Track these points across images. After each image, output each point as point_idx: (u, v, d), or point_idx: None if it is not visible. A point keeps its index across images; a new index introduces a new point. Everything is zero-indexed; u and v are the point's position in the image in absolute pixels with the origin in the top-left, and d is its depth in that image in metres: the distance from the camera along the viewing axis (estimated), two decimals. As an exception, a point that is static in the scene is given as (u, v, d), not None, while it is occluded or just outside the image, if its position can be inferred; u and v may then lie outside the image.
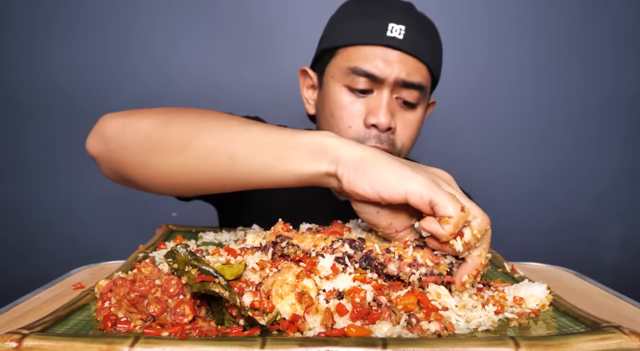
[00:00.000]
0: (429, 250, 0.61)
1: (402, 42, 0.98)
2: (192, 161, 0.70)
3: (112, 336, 0.46)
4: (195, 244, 0.89)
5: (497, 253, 0.80)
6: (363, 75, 0.99)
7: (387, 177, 0.59)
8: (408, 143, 1.07)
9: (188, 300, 0.52)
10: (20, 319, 0.60)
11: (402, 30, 0.98)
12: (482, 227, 0.59)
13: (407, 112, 1.04)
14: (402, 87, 1.00)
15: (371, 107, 1.00)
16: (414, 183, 0.58)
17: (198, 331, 0.49)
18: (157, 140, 0.73)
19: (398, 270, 0.60)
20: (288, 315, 0.52)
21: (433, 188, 0.58)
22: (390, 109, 1.00)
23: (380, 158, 0.61)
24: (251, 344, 0.44)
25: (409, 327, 0.52)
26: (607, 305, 0.69)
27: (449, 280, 0.60)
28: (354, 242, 0.62)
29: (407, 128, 1.04)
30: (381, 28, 0.99)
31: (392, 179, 0.59)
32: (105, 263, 0.90)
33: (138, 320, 0.52)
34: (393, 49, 0.99)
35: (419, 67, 1.01)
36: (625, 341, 0.45)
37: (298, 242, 0.63)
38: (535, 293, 0.60)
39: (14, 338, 0.44)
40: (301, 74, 1.17)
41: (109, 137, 0.77)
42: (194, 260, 0.56)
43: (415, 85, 1.00)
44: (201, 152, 0.70)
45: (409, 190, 0.58)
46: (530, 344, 0.44)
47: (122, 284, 0.54)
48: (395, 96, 1.02)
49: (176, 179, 0.74)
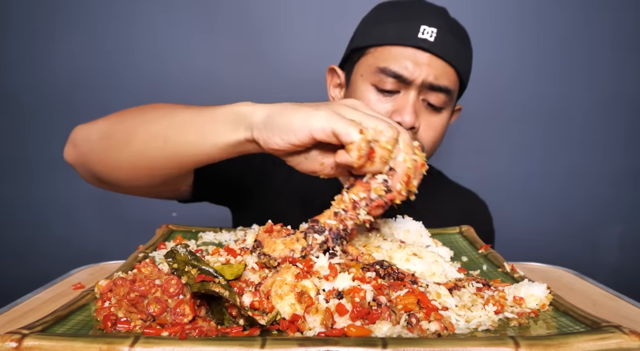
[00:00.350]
0: (359, 181, 0.63)
1: (433, 44, 0.98)
2: (138, 150, 0.82)
3: (112, 336, 0.46)
4: (195, 244, 0.89)
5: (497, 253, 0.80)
6: (391, 76, 1.00)
7: (291, 123, 0.63)
8: (430, 145, 1.06)
9: (188, 300, 0.52)
10: (20, 319, 0.60)
11: (433, 32, 0.98)
12: (390, 137, 0.61)
13: (432, 114, 1.04)
14: (429, 89, 1.00)
15: (397, 106, 1.01)
16: (315, 120, 0.61)
17: (198, 331, 0.49)
18: (110, 136, 0.86)
19: (354, 221, 0.62)
20: (288, 315, 0.52)
21: (333, 119, 0.60)
22: (416, 110, 1.01)
23: (284, 108, 0.65)
24: (251, 344, 0.44)
25: (409, 327, 0.52)
26: (607, 305, 0.69)
27: (390, 197, 0.62)
28: (314, 228, 0.63)
29: (430, 130, 1.04)
30: (413, 29, 0.99)
31: (296, 123, 0.62)
32: (105, 263, 0.90)
33: (138, 320, 0.52)
34: (423, 50, 0.99)
35: (448, 71, 1.01)
36: (625, 341, 0.45)
37: (269, 250, 0.62)
38: (535, 293, 0.60)
39: (14, 338, 0.44)
40: (329, 73, 1.18)
41: (77, 143, 0.91)
42: (194, 260, 0.56)
43: (442, 88, 1.00)
44: (142, 141, 0.81)
45: (312, 128, 0.61)
46: (530, 344, 0.44)
47: (122, 284, 0.54)
48: (421, 98, 1.02)
49: (133, 169, 0.85)
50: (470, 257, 0.83)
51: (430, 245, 0.81)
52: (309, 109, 0.63)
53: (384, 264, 0.63)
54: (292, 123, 0.62)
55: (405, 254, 0.70)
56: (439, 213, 1.16)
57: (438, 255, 0.73)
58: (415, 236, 0.82)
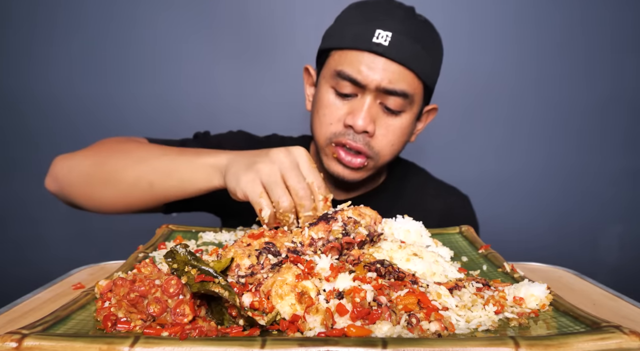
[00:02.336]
0: (322, 222, 0.69)
1: (387, 48, 0.98)
2: (122, 191, 0.94)
3: (112, 336, 0.46)
4: (195, 244, 0.89)
5: (497, 253, 0.80)
6: (347, 80, 1.01)
7: (232, 184, 0.80)
8: (388, 148, 1.07)
9: (188, 300, 0.52)
10: (20, 319, 0.60)
11: (388, 36, 0.98)
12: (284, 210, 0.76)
13: (389, 118, 1.04)
14: (385, 93, 1.01)
15: (352, 109, 1.03)
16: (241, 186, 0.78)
17: (198, 331, 0.49)
18: (94, 176, 0.96)
19: (303, 251, 0.66)
20: (288, 315, 0.52)
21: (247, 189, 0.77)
22: (372, 114, 1.02)
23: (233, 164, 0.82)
24: (251, 344, 0.44)
25: (409, 327, 0.52)
26: (607, 305, 0.69)
27: (347, 241, 0.68)
28: (271, 249, 0.66)
29: (388, 133, 1.05)
30: (368, 34, 0.99)
31: (232, 185, 0.80)
32: (105, 263, 0.90)
33: (138, 320, 0.52)
34: (378, 55, 0.98)
35: (405, 75, 1.00)
36: (625, 341, 0.45)
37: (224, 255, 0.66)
38: (535, 293, 0.60)
39: (14, 338, 0.44)
40: (305, 72, 1.21)
41: (59, 178, 1.00)
42: (193, 260, 0.56)
43: (398, 92, 1.00)
44: (127, 184, 0.93)
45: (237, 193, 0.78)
46: (530, 344, 0.44)
47: (122, 284, 0.54)
48: (379, 101, 1.02)
49: (115, 205, 0.97)
50: (470, 257, 0.83)
51: (430, 245, 0.81)
52: (240, 171, 0.79)
53: (384, 263, 0.63)
54: (231, 185, 0.80)
55: (406, 254, 0.70)
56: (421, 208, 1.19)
57: (438, 255, 0.73)
58: (416, 236, 0.82)
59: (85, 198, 0.99)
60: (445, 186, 1.32)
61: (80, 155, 1.00)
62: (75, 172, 0.98)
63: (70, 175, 0.98)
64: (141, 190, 0.92)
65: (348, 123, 1.02)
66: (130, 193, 0.94)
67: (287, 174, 0.77)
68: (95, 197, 0.97)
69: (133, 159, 0.95)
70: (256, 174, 0.77)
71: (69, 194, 1.00)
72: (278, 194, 0.76)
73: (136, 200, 0.94)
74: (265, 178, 0.77)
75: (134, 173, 0.93)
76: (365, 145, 1.04)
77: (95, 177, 0.96)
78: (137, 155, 0.96)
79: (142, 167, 0.92)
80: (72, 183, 0.98)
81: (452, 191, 1.31)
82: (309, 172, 0.79)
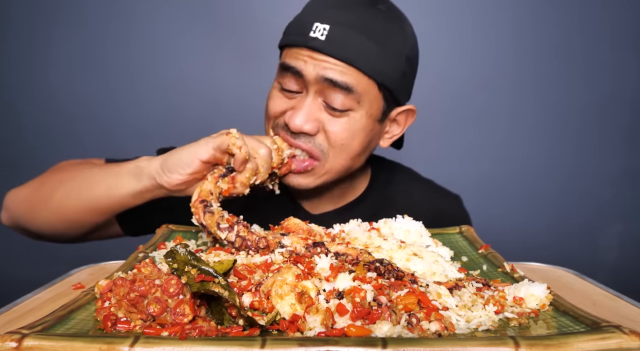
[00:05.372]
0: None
1: (324, 43, 0.90)
2: (55, 207, 0.97)
3: (112, 336, 0.46)
4: (195, 244, 0.89)
5: (497, 253, 0.80)
6: (288, 70, 0.95)
7: (181, 159, 0.83)
8: (339, 147, 0.97)
9: (188, 300, 0.52)
10: (20, 319, 0.60)
11: (325, 30, 0.90)
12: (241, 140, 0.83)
13: (335, 117, 0.95)
14: (328, 86, 0.92)
15: (294, 106, 0.96)
16: (198, 148, 0.82)
17: (198, 331, 0.49)
18: (32, 199, 1.02)
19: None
20: (288, 315, 0.52)
21: (209, 141, 0.82)
22: (314, 113, 0.94)
23: (172, 151, 0.86)
24: (251, 344, 0.44)
25: (409, 327, 0.51)
26: (607, 305, 0.69)
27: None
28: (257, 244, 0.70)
29: (335, 132, 0.95)
30: (306, 28, 0.93)
31: (185, 157, 0.83)
32: (105, 263, 0.90)
33: (138, 320, 0.52)
34: (315, 50, 0.91)
35: (347, 69, 0.91)
36: (625, 341, 0.45)
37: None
38: (535, 293, 0.60)
39: (14, 338, 0.44)
40: None
41: (9, 209, 1.06)
42: (193, 260, 0.56)
43: (340, 85, 0.91)
44: (58, 200, 0.97)
45: (198, 155, 0.82)
46: (530, 344, 0.44)
47: (122, 284, 0.54)
48: (321, 99, 0.95)
49: (54, 223, 1.00)
50: (470, 257, 0.83)
51: (430, 245, 0.81)
52: (192, 144, 0.83)
53: (383, 261, 0.63)
54: (182, 158, 0.83)
55: (406, 254, 0.70)
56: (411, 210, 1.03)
57: (438, 255, 0.73)
58: (415, 236, 0.82)
59: (29, 224, 1.04)
60: (433, 187, 1.25)
61: (25, 185, 1.07)
62: (19, 200, 1.05)
63: (15, 203, 1.05)
64: (70, 204, 0.96)
65: (285, 120, 0.97)
66: (62, 207, 0.97)
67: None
68: (36, 218, 1.01)
69: (65, 177, 1.00)
70: (208, 138, 0.85)
71: (17, 222, 1.06)
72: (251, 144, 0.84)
73: (70, 213, 0.97)
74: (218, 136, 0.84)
75: (63, 189, 0.97)
76: (311, 144, 0.96)
77: (33, 199, 1.02)
78: (70, 173, 1.01)
79: (72, 182, 0.98)
80: (17, 211, 1.04)
81: (441, 192, 1.24)
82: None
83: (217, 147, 0.82)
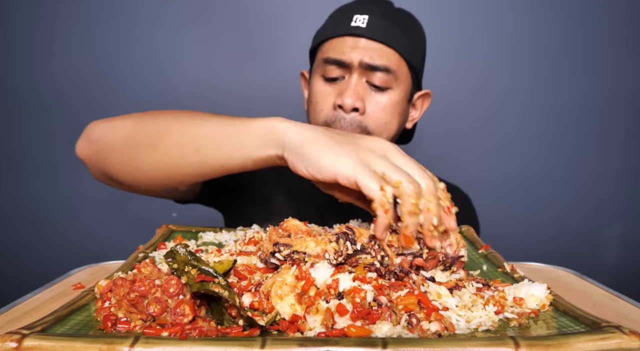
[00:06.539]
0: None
1: (365, 29, 1.03)
2: (164, 155, 0.81)
3: (112, 336, 0.46)
4: (195, 244, 0.89)
5: (497, 253, 0.80)
6: (333, 63, 1.05)
7: (320, 160, 0.65)
8: (381, 125, 1.07)
9: (188, 300, 0.52)
10: (20, 319, 0.60)
11: (365, 19, 1.03)
12: (412, 191, 0.61)
13: (377, 94, 1.06)
14: (369, 70, 1.04)
15: (340, 90, 1.06)
16: (342, 166, 0.63)
17: (198, 331, 0.49)
18: (134, 138, 0.85)
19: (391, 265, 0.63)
20: (288, 315, 0.52)
21: (358, 170, 0.62)
22: (359, 92, 1.04)
23: (317, 140, 0.67)
24: (251, 344, 0.44)
25: (410, 327, 0.52)
26: (607, 305, 0.69)
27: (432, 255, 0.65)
28: (349, 236, 0.63)
29: (378, 110, 1.06)
30: (346, 20, 1.05)
31: (324, 162, 0.64)
32: (105, 263, 0.90)
33: (138, 320, 0.52)
34: (357, 36, 1.04)
35: (386, 51, 1.04)
36: (625, 341, 0.45)
37: (302, 248, 0.61)
38: (535, 293, 0.60)
39: (14, 338, 0.44)
40: (302, 77, 1.25)
41: (94, 140, 0.89)
42: (193, 260, 0.56)
43: (380, 67, 1.04)
44: (172, 147, 0.80)
45: (337, 174, 0.63)
46: (530, 344, 0.44)
47: (122, 284, 0.54)
48: (364, 79, 1.06)
49: (153, 173, 0.84)
50: (470, 256, 0.83)
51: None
52: (338, 150, 0.65)
53: (383, 262, 0.63)
54: (321, 162, 0.65)
55: (406, 254, 0.69)
56: None
57: (438, 255, 0.73)
58: (416, 236, 0.82)
59: (120, 166, 0.87)
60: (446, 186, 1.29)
61: (120, 117, 0.89)
62: (115, 134, 0.87)
63: (109, 137, 0.87)
64: (185, 155, 0.79)
65: (337, 103, 1.05)
66: (173, 159, 0.81)
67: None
68: (132, 162, 0.85)
69: (180, 122, 0.83)
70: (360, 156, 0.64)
71: (105, 159, 0.88)
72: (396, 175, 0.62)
73: (180, 168, 0.81)
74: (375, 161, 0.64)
75: (179, 136, 0.80)
76: (359, 127, 1.05)
77: (136, 139, 0.85)
78: (186, 119, 0.83)
79: (190, 130, 0.80)
80: (110, 146, 0.87)
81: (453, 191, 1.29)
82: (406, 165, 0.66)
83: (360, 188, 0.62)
